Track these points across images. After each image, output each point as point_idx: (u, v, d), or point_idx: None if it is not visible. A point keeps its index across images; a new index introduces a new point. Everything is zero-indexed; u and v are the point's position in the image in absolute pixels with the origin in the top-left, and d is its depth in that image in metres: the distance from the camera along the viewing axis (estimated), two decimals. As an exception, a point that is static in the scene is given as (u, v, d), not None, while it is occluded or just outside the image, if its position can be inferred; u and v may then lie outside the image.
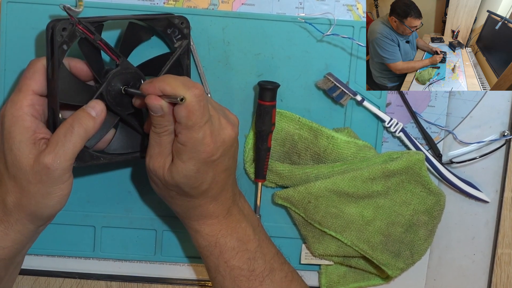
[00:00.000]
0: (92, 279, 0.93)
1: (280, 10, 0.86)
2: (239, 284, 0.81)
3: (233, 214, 0.81)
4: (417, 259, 0.90)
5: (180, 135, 0.73)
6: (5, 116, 0.74)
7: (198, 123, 0.72)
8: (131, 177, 0.89)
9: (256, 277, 0.81)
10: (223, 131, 0.75)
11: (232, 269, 0.81)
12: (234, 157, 0.79)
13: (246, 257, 0.81)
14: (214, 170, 0.76)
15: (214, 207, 0.80)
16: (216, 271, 0.82)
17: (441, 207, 0.88)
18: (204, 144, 0.73)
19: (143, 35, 0.82)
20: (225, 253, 0.81)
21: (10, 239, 0.76)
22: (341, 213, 0.87)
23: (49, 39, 0.74)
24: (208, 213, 0.80)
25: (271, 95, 0.84)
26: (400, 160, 0.85)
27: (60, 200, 0.75)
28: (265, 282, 0.82)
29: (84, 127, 0.74)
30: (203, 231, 0.81)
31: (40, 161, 0.72)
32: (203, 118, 0.72)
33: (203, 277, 0.93)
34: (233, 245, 0.81)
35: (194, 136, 0.73)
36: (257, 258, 0.82)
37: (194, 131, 0.72)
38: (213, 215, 0.80)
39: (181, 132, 0.73)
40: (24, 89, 0.75)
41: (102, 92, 0.76)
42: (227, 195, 0.80)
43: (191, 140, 0.73)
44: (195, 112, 0.72)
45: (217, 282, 0.83)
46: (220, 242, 0.81)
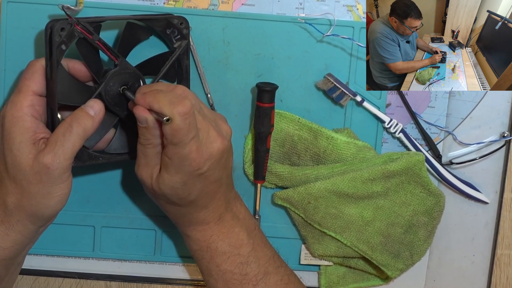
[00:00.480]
0: (92, 279, 0.93)
1: (280, 11, 0.86)
2: (231, 287, 0.81)
3: (225, 220, 0.81)
4: (417, 260, 0.90)
5: (167, 148, 0.73)
6: (5, 117, 0.74)
7: (183, 140, 0.72)
8: (131, 177, 0.89)
9: (249, 281, 0.81)
10: (211, 145, 0.75)
11: (224, 273, 0.81)
12: (226, 168, 0.79)
13: (238, 261, 0.81)
14: (203, 182, 0.76)
15: (205, 215, 0.80)
16: (208, 275, 0.82)
17: (441, 208, 0.88)
18: (189, 159, 0.73)
19: (141, 35, 0.82)
20: (216, 257, 0.81)
21: (10, 239, 0.76)
22: (340, 214, 0.87)
23: (48, 39, 0.74)
24: (198, 220, 0.80)
25: (269, 97, 0.84)
26: (400, 161, 0.85)
27: (60, 200, 0.75)
28: (259, 286, 0.82)
29: (83, 126, 0.74)
30: (194, 236, 0.81)
31: (40, 161, 0.72)
32: (189, 135, 0.72)
33: (203, 277, 0.93)
34: (224, 249, 0.81)
35: (180, 151, 0.73)
36: (250, 262, 0.82)
37: (180, 147, 0.72)
38: (203, 222, 0.80)
39: (167, 146, 0.73)
40: (23, 90, 0.75)
41: (100, 92, 0.76)
42: (218, 202, 0.80)
43: (176, 155, 0.73)
44: (179, 131, 0.71)
45: (210, 285, 0.83)
46: (211, 247, 0.81)
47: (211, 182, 0.77)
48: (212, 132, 0.75)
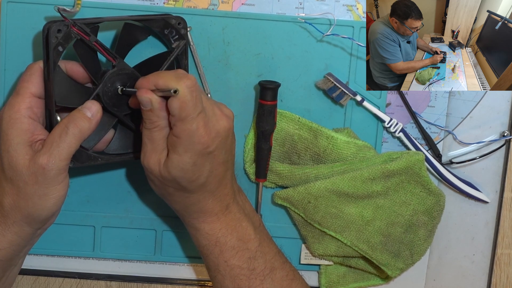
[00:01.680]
0: (92, 279, 0.93)
1: (280, 10, 0.86)
2: (239, 283, 0.81)
3: (232, 211, 0.81)
4: (417, 259, 0.90)
5: (175, 127, 0.73)
6: (2, 119, 0.74)
7: (191, 114, 0.72)
8: (131, 177, 0.89)
9: (256, 276, 0.81)
10: (218, 122, 0.75)
11: (232, 268, 0.81)
12: (231, 151, 0.79)
13: (247, 256, 0.81)
14: (211, 163, 0.76)
15: (213, 203, 0.79)
16: (216, 270, 0.82)
17: (441, 208, 0.88)
18: (198, 135, 0.73)
19: (139, 35, 0.81)
20: (225, 252, 0.81)
21: (7, 240, 0.76)
22: (340, 213, 0.87)
23: (45, 41, 0.74)
24: (207, 209, 0.80)
25: (272, 95, 0.84)
26: (400, 161, 0.85)
27: (56, 202, 0.75)
28: (266, 281, 0.82)
29: (79, 128, 0.74)
30: (203, 229, 0.81)
31: (36, 161, 0.72)
32: (196, 109, 0.72)
33: (203, 277, 0.93)
34: (233, 244, 0.81)
35: (188, 127, 0.72)
36: (257, 257, 0.82)
37: (188, 123, 0.72)
38: (212, 211, 0.80)
39: (175, 125, 0.73)
40: (21, 92, 0.75)
41: (98, 93, 0.76)
42: (225, 190, 0.80)
43: (185, 132, 0.73)
44: (187, 103, 0.71)
45: (217, 281, 0.83)
46: (220, 241, 0.81)
47: (219, 164, 0.77)
48: (217, 110, 0.75)
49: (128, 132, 0.81)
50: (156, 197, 0.83)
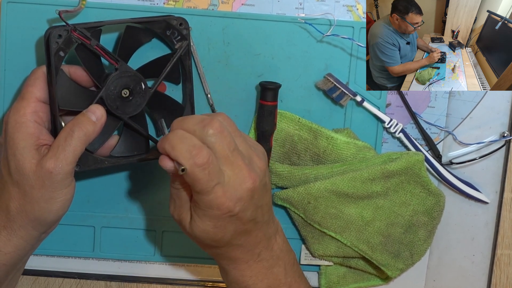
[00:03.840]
0: (92, 279, 0.93)
1: (280, 11, 0.86)
2: None
3: (264, 259, 0.78)
4: (417, 259, 0.90)
5: (193, 194, 0.71)
6: (8, 123, 0.74)
7: (205, 188, 0.69)
8: (131, 178, 0.89)
9: None
10: (240, 187, 0.71)
11: None
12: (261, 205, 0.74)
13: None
14: (235, 224, 0.73)
15: (243, 253, 0.77)
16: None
17: (441, 208, 0.88)
18: (217, 204, 0.70)
19: (142, 38, 0.81)
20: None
21: (12, 244, 0.76)
22: (340, 214, 0.87)
23: (46, 46, 0.74)
24: (237, 258, 0.77)
25: (273, 95, 0.84)
26: (400, 161, 0.85)
27: (63, 205, 0.75)
28: None
29: (84, 131, 0.74)
30: (233, 275, 0.78)
31: (42, 166, 0.72)
32: (210, 183, 0.69)
33: (203, 278, 0.93)
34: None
35: (204, 198, 0.70)
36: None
37: (203, 195, 0.70)
38: (242, 260, 0.77)
39: (193, 193, 0.71)
40: (27, 96, 0.75)
41: (102, 96, 0.77)
42: (256, 240, 0.76)
43: (202, 202, 0.70)
44: (199, 180, 0.68)
45: None
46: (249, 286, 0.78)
47: (244, 223, 0.73)
48: (242, 172, 0.71)
49: (134, 135, 0.82)
50: (156, 198, 0.83)
